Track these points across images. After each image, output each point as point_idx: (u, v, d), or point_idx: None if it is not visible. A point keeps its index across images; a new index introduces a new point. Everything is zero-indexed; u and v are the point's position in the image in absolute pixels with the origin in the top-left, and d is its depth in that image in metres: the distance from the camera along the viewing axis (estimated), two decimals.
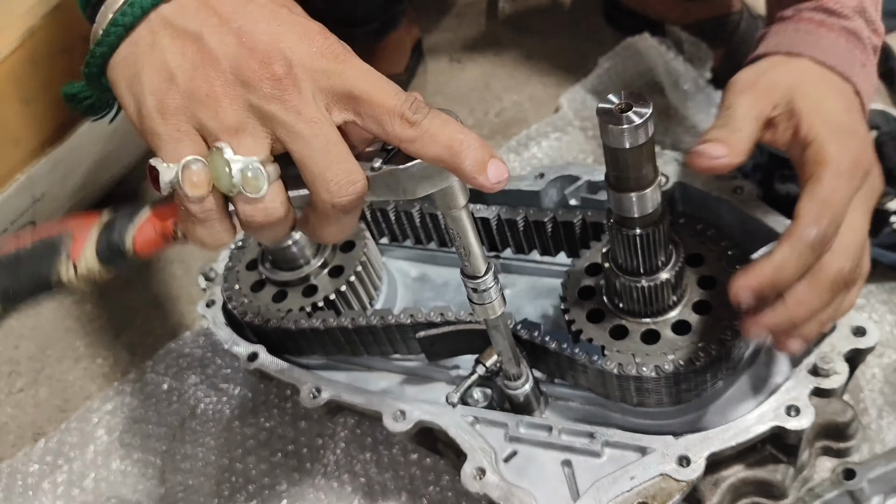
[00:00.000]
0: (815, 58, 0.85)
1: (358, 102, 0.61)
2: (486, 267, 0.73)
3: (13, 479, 1.32)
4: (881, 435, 1.10)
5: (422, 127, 0.60)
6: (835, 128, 0.79)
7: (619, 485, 0.82)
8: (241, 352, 1.09)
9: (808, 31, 0.87)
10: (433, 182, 0.63)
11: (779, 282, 0.76)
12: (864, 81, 0.85)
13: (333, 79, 0.60)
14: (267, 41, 0.60)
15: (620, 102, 0.71)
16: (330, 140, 0.60)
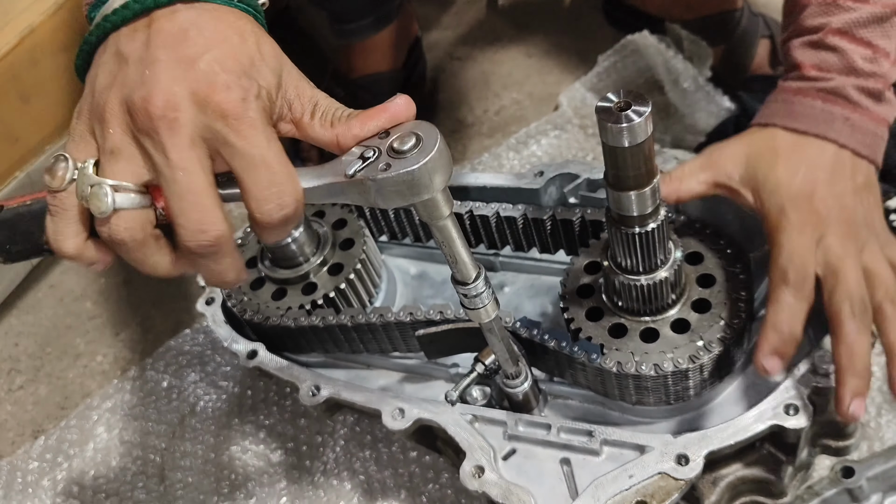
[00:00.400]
0: (786, 125, 0.90)
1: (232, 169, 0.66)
2: (475, 273, 0.73)
3: (13, 477, 1.32)
4: (880, 433, 1.10)
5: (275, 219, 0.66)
6: (788, 195, 0.85)
7: (617, 483, 0.82)
8: (240, 349, 1.09)
9: (783, 101, 0.91)
10: (404, 196, 0.62)
11: (788, 336, 0.83)
12: (851, 135, 0.88)
13: (217, 136, 0.64)
14: (164, 80, 0.64)
15: (619, 101, 0.71)
16: (190, 189, 0.64)
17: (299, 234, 1.08)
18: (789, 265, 0.83)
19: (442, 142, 0.61)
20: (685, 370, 0.86)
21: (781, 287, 0.83)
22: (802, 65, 0.91)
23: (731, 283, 0.90)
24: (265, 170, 0.65)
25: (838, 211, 0.85)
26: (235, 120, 0.64)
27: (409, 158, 0.60)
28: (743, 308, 0.88)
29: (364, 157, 0.63)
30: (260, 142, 0.65)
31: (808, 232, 0.84)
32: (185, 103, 0.64)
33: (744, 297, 0.89)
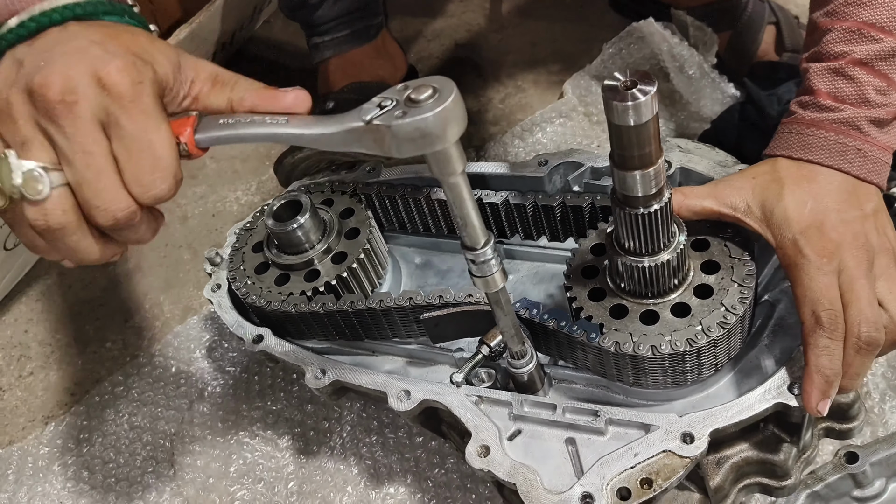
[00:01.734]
0: (801, 157, 0.91)
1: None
2: (485, 238, 0.73)
3: (24, 462, 1.33)
4: (884, 419, 1.11)
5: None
6: (799, 228, 0.86)
7: (622, 461, 0.83)
8: (246, 334, 1.10)
9: (798, 133, 0.92)
10: (417, 145, 0.63)
11: (833, 378, 0.84)
12: (863, 165, 0.90)
13: (110, 117, 0.67)
14: (60, 66, 0.67)
15: (626, 80, 0.71)
16: (94, 170, 0.67)
17: (305, 221, 1.09)
18: (820, 308, 0.84)
19: (457, 95, 0.62)
20: (682, 353, 0.86)
21: (817, 331, 0.84)
22: (819, 92, 0.91)
23: (735, 271, 0.90)
24: (150, 155, 0.68)
25: (851, 237, 0.86)
26: (130, 102, 0.67)
27: (425, 107, 0.61)
28: (745, 295, 0.88)
29: (382, 105, 0.64)
30: (150, 126, 0.68)
31: (826, 267, 0.85)
32: (83, 85, 0.67)
33: (747, 284, 0.89)
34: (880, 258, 0.88)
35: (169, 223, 1.66)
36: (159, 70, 0.71)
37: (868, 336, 0.84)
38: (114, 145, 0.68)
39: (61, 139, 0.67)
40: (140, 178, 0.68)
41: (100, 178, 0.67)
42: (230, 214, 1.64)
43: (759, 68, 1.49)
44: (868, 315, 0.84)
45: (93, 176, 0.67)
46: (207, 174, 1.74)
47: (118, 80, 0.67)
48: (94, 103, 0.67)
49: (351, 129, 0.66)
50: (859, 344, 0.84)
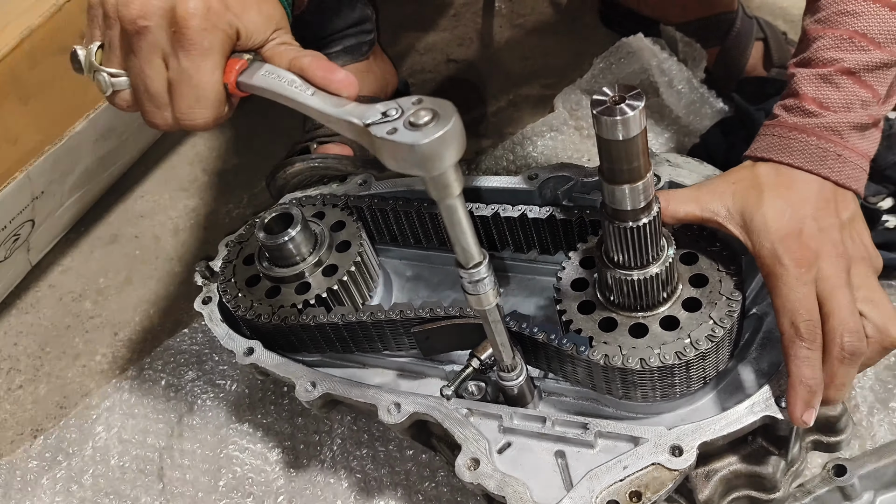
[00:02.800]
0: (781, 160, 0.91)
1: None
2: (479, 258, 0.73)
3: (12, 476, 1.32)
4: (872, 432, 1.11)
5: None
6: (777, 236, 0.86)
7: (612, 474, 0.83)
8: (236, 347, 1.10)
9: (780, 136, 0.92)
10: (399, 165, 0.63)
11: (815, 387, 0.84)
12: (842, 170, 0.90)
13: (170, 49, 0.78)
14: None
15: (614, 95, 0.72)
16: (147, 87, 0.80)
17: (296, 234, 1.09)
18: (798, 319, 0.84)
19: (452, 128, 0.61)
20: (671, 366, 0.86)
21: (796, 342, 0.84)
22: (804, 96, 0.92)
23: (723, 285, 0.91)
24: (195, 91, 0.78)
25: (830, 246, 0.86)
26: (190, 44, 0.76)
27: (418, 132, 0.61)
28: (733, 309, 0.89)
29: (386, 113, 0.65)
30: (203, 68, 0.78)
31: (805, 277, 0.85)
32: (156, 16, 0.76)
33: (735, 297, 0.90)
34: (858, 266, 0.88)
35: (160, 236, 1.66)
36: (243, 22, 0.79)
37: (850, 345, 0.84)
38: (170, 73, 0.78)
39: (129, 53, 0.79)
40: (183, 107, 0.79)
41: (150, 99, 0.80)
42: (222, 227, 1.64)
43: (748, 83, 1.51)
44: (849, 324, 0.84)
45: (145, 96, 0.80)
46: (199, 187, 1.74)
47: (188, 22, 0.76)
48: (160, 35, 0.77)
49: (352, 122, 0.69)
50: (842, 354, 0.84)
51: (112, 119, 1.55)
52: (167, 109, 0.81)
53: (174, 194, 1.73)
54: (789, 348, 0.85)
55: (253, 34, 0.81)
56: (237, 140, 1.80)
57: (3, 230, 1.43)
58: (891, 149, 1.28)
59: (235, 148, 1.79)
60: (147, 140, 1.78)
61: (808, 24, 0.95)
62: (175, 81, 0.78)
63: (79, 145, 1.48)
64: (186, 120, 0.80)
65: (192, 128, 0.81)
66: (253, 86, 0.80)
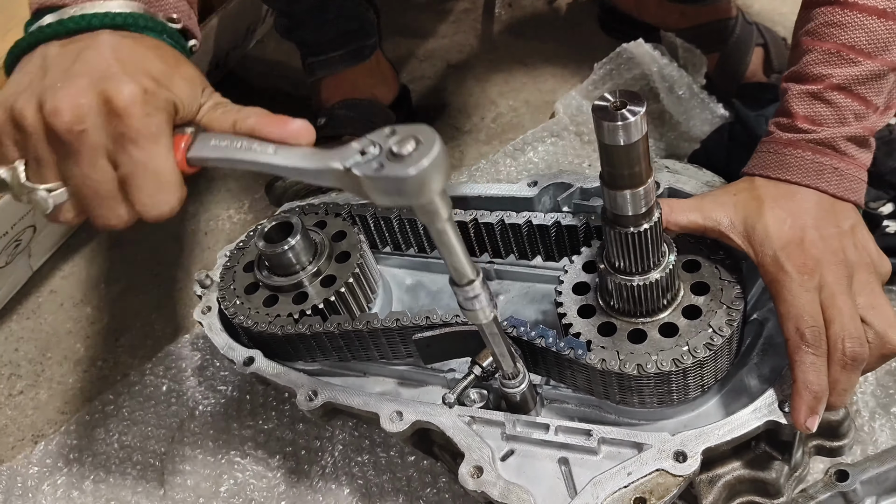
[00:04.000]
0: (778, 177, 0.91)
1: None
2: (473, 275, 0.72)
3: (13, 482, 1.32)
4: (874, 437, 1.11)
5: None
6: (779, 244, 0.87)
7: (616, 480, 0.83)
8: (237, 356, 1.10)
9: (774, 152, 0.93)
10: (392, 198, 0.61)
11: (820, 393, 0.85)
12: (840, 183, 0.90)
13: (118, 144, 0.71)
14: (73, 93, 0.70)
15: (615, 100, 0.72)
16: (95, 195, 0.72)
17: (295, 243, 1.09)
18: (803, 325, 0.85)
19: (438, 153, 0.60)
20: (668, 372, 0.86)
21: (801, 348, 0.85)
22: (797, 115, 0.92)
23: (724, 293, 0.91)
24: (155, 180, 0.72)
25: (831, 254, 0.87)
26: (137, 132, 0.71)
27: (404, 163, 0.60)
28: (733, 318, 0.89)
29: (364, 151, 0.63)
30: (157, 153, 0.72)
31: (808, 283, 0.85)
32: (92, 115, 0.70)
33: (735, 306, 0.90)
34: (860, 273, 0.88)
35: (160, 242, 1.66)
36: (176, 95, 0.74)
37: (852, 351, 0.84)
38: (120, 169, 0.72)
39: (68, 164, 0.71)
40: (144, 199, 0.73)
41: (102, 203, 0.73)
42: (222, 233, 1.65)
43: (748, 89, 1.51)
44: (851, 330, 0.84)
45: (95, 201, 0.73)
46: (199, 192, 1.74)
47: (129, 110, 0.70)
48: (101, 133, 0.71)
49: (331, 169, 0.65)
50: (844, 360, 0.84)
51: None
52: (122, 207, 0.74)
53: None
54: (794, 354, 0.85)
55: (187, 104, 0.76)
56: None
57: (5, 236, 1.43)
58: (891, 154, 1.28)
59: None
60: None
61: (799, 35, 0.95)
62: (129, 175, 0.72)
63: None
64: (152, 211, 0.74)
65: (156, 218, 0.74)
66: (205, 158, 0.75)
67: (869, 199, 1.28)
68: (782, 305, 0.86)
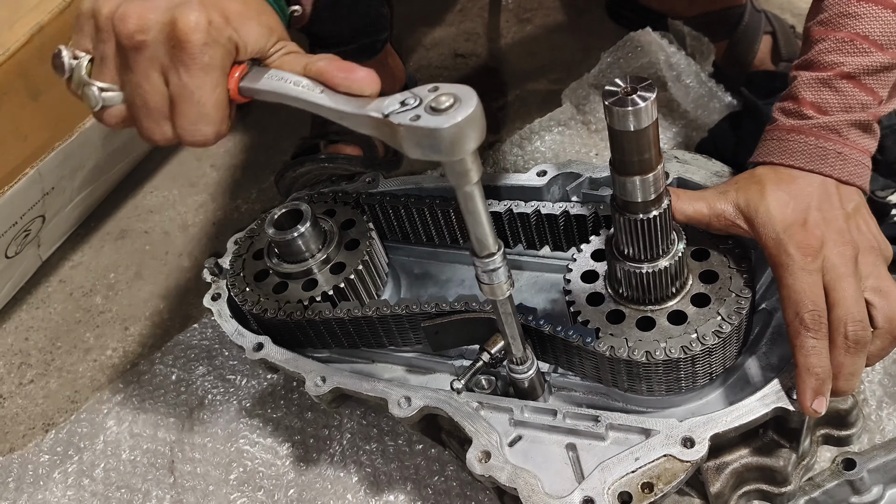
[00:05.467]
0: (783, 162, 0.92)
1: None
2: (495, 247, 0.74)
3: (24, 470, 1.33)
4: (881, 426, 1.11)
5: None
6: (782, 226, 0.87)
7: (623, 465, 0.83)
8: (246, 342, 1.10)
9: (778, 139, 0.93)
10: (424, 151, 0.63)
11: (824, 375, 0.84)
12: (844, 168, 0.91)
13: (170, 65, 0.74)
14: (143, 6, 0.73)
15: (626, 86, 0.72)
16: (144, 103, 0.75)
17: (305, 230, 1.09)
18: (803, 309, 0.84)
19: (475, 111, 0.62)
20: (676, 360, 0.87)
21: (803, 332, 0.84)
22: (803, 101, 0.92)
23: (733, 282, 0.91)
24: (197, 108, 0.75)
25: (835, 234, 0.87)
26: (191, 58, 0.73)
27: (440, 117, 0.61)
28: (742, 306, 0.89)
29: (404, 102, 0.65)
30: (204, 83, 0.74)
31: (810, 266, 0.85)
32: (155, 30, 0.73)
33: (744, 295, 0.90)
34: (865, 256, 0.88)
35: (169, 231, 1.67)
36: (242, 37, 0.76)
37: (855, 335, 0.84)
38: (171, 89, 0.75)
39: (125, 68, 0.75)
40: (184, 124, 0.76)
41: (149, 115, 0.76)
42: (231, 223, 1.65)
43: (756, 77, 1.50)
44: (854, 314, 0.84)
45: (143, 111, 0.76)
46: (208, 183, 1.74)
47: (190, 37, 0.72)
48: (160, 48, 0.73)
49: (371, 116, 0.67)
50: (847, 343, 0.84)
51: None
52: (167, 124, 0.77)
53: (183, 190, 1.74)
54: (795, 339, 0.85)
55: (251, 47, 0.77)
56: (246, 135, 1.80)
57: (14, 226, 1.44)
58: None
59: (244, 143, 1.79)
60: None
61: (811, 25, 0.95)
62: (177, 97, 0.75)
63: (88, 141, 1.49)
64: (188, 136, 0.77)
65: (192, 144, 0.77)
66: (257, 90, 0.77)
67: (877, 188, 1.28)
68: (784, 289, 0.86)
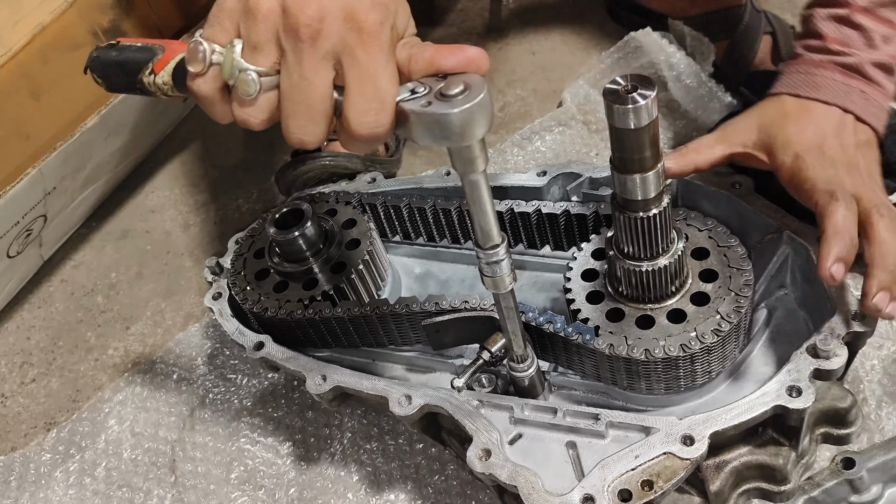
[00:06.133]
0: (808, 95, 0.97)
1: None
2: (499, 238, 0.74)
3: (26, 469, 1.33)
4: (880, 425, 1.11)
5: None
6: (800, 147, 0.93)
7: (623, 463, 0.83)
8: (247, 341, 1.10)
9: (805, 73, 0.98)
10: (435, 137, 0.64)
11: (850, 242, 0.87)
12: (865, 107, 0.96)
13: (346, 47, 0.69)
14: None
15: (626, 83, 0.73)
16: (306, 99, 0.70)
17: (306, 230, 1.10)
18: (833, 186, 0.89)
19: (486, 96, 0.63)
20: (675, 358, 0.87)
21: (832, 203, 0.87)
22: (826, 37, 0.98)
23: (732, 281, 0.91)
24: (373, 84, 0.68)
25: (846, 159, 0.93)
26: (368, 36, 0.69)
27: (451, 103, 0.62)
28: (742, 305, 0.89)
29: (414, 91, 0.66)
30: (380, 60, 0.69)
31: (828, 166, 0.91)
32: (332, 17, 0.68)
33: (744, 293, 0.90)
34: (864, 175, 0.94)
35: (170, 231, 1.67)
36: (399, 19, 0.73)
37: (890, 213, 0.88)
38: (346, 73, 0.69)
39: (292, 58, 0.69)
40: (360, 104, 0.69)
41: (307, 111, 0.70)
42: (232, 222, 1.65)
43: (756, 78, 1.51)
44: (883, 199, 0.89)
45: (302, 106, 0.70)
46: (209, 182, 1.75)
47: (366, 18, 0.69)
48: (335, 38, 0.69)
49: None
50: (884, 221, 0.87)
51: (123, 115, 1.56)
52: (323, 123, 0.71)
53: (184, 189, 1.74)
54: (826, 208, 0.88)
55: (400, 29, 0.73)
56: (246, 135, 1.81)
57: (16, 225, 1.44)
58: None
59: (244, 143, 1.80)
60: (158, 136, 1.79)
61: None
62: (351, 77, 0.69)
63: (90, 141, 1.49)
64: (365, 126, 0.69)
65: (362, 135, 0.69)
66: None
67: None
68: (807, 183, 0.90)
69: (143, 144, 1.73)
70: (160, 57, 0.80)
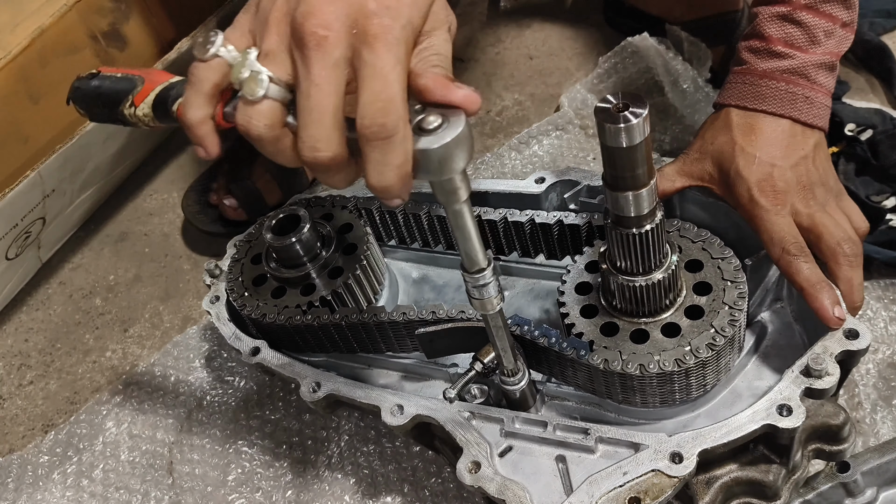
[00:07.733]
0: (756, 107, 1.00)
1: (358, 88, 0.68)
2: (485, 262, 0.74)
3: (24, 471, 1.34)
4: (875, 429, 1.12)
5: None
6: (752, 181, 0.96)
7: (611, 480, 0.83)
8: (243, 347, 1.11)
9: (751, 84, 1.01)
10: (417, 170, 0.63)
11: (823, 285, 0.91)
12: (811, 111, 0.99)
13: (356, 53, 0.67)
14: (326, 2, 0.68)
15: (618, 102, 0.72)
16: (318, 107, 0.67)
17: (303, 235, 1.10)
18: (787, 243, 0.93)
19: (463, 132, 0.61)
20: (670, 373, 0.87)
21: (793, 260, 0.92)
22: (770, 38, 1.00)
23: (726, 294, 0.91)
24: (381, 81, 0.66)
25: (796, 181, 0.96)
26: (374, 39, 0.67)
27: (427, 138, 0.62)
28: (736, 318, 0.89)
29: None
30: (388, 59, 0.67)
31: (782, 211, 0.95)
32: (338, 24, 0.67)
33: (738, 307, 0.90)
34: (817, 189, 0.98)
35: (169, 233, 1.68)
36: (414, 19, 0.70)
37: (851, 249, 0.93)
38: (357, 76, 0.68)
39: (303, 68, 0.68)
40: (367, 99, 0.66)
41: (320, 116, 0.67)
42: None
43: None
44: (842, 234, 0.93)
45: (314, 111, 0.68)
46: None
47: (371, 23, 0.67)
48: (344, 45, 0.68)
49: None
50: (848, 260, 0.92)
51: None
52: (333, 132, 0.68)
53: (183, 193, 1.75)
54: (788, 269, 0.92)
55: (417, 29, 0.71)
56: None
57: (15, 228, 1.45)
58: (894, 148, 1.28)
59: None
60: (156, 139, 1.79)
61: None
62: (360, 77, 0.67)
63: (89, 144, 1.50)
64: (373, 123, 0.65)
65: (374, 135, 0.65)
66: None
67: (872, 193, 1.29)
68: (764, 234, 0.94)
69: (142, 148, 1.74)
70: (139, 89, 0.80)
